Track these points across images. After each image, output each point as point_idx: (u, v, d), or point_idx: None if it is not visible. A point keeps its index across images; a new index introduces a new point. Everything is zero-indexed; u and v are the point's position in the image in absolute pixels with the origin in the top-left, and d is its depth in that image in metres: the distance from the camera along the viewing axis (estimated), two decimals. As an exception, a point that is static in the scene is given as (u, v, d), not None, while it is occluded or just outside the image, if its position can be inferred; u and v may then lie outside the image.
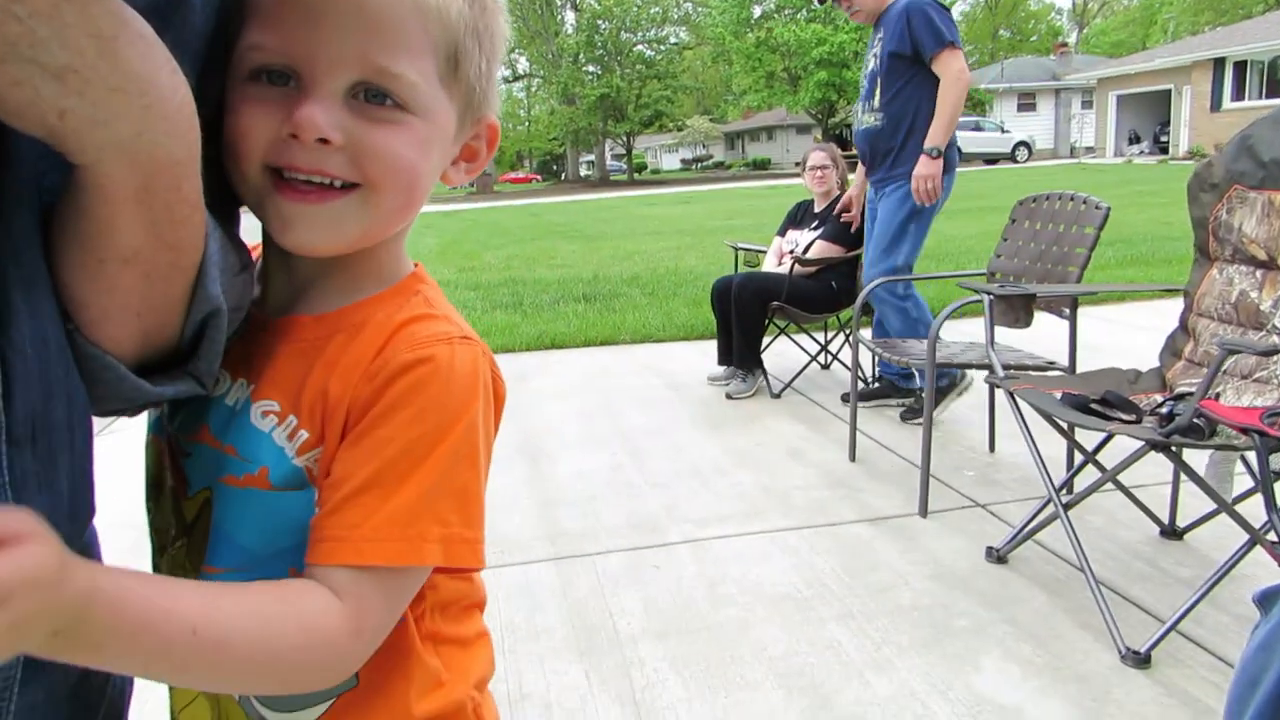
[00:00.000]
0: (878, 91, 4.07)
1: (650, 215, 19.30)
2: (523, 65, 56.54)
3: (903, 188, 3.99)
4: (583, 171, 59.95)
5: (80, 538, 0.61)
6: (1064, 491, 2.73)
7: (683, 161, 68.96)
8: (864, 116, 4.19)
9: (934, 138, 3.90)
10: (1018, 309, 2.90)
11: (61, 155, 0.50)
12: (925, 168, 3.91)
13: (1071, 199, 3.38)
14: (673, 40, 50.80)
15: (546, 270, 10.34)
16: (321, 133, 0.63)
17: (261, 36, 0.64)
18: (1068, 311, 3.15)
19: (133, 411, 0.67)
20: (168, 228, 0.56)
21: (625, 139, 51.13)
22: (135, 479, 0.81)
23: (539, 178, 69.63)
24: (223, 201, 0.71)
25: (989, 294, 2.92)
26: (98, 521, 0.68)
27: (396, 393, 0.65)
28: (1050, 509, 2.54)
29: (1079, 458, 2.70)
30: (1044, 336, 3.64)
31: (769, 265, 5.13)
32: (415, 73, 0.66)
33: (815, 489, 3.34)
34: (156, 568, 0.77)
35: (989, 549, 2.71)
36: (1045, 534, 2.72)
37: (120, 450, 1.98)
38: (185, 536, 0.73)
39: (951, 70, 3.88)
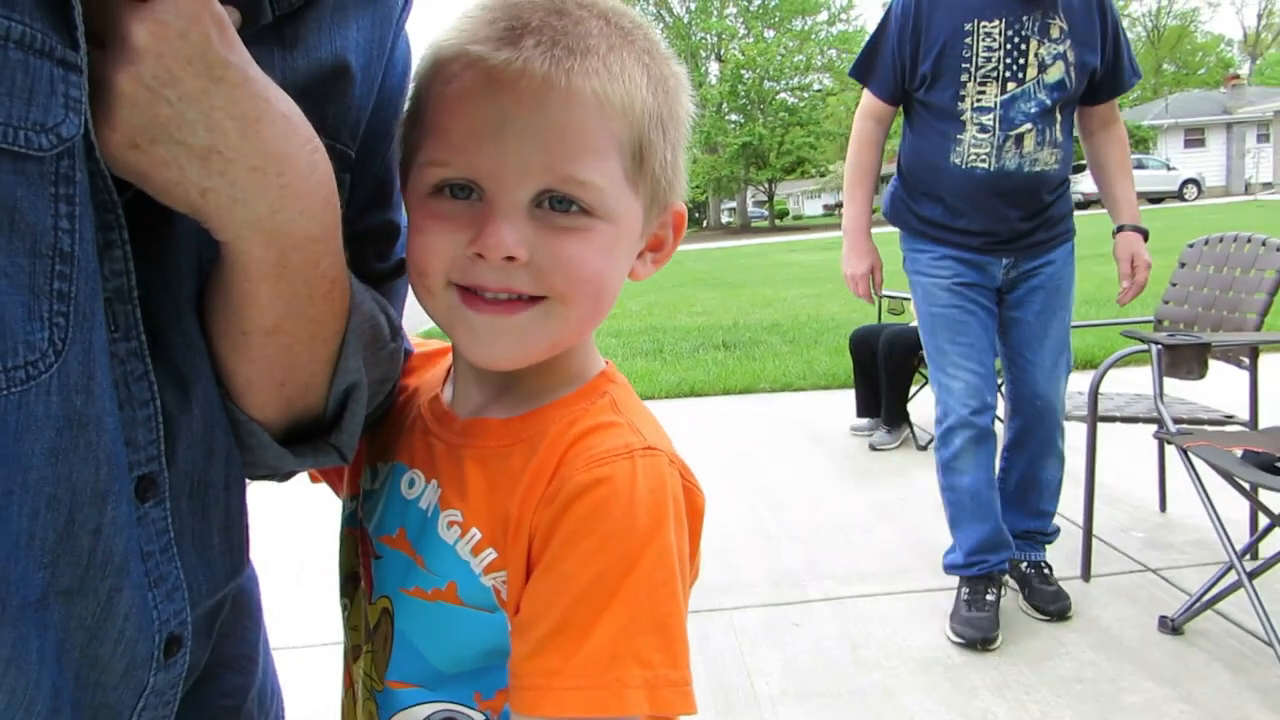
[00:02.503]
0: (1057, 116, 2.52)
1: (791, 262, 19.19)
2: (666, 117, 57.66)
3: (1071, 251, 2.71)
4: (724, 218, 60.32)
5: (227, 590, 0.63)
6: (1247, 557, 2.50)
7: (825, 207, 68.33)
8: (1023, 151, 2.50)
9: (1134, 210, 2.76)
10: (1190, 359, 2.69)
11: None
12: (1141, 248, 2.74)
13: (1248, 240, 3.13)
14: (816, 87, 50.75)
15: (687, 317, 10.42)
16: (509, 251, 0.60)
17: (444, 153, 0.62)
18: (1247, 361, 2.91)
19: (280, 478, 0.69)
20: (307, 302, 0.57)
21: (767, 185, 51.22)
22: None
23: (681, 226, 70.21)
24: (384, 274, 0.74)
25: (1157, 343, 2.73)
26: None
27: (575, 520, 0.60)
28: (1232, 576, 2.32)
29: (1264, 520, 2.47)
30: (1220, 388, 3.36)
31: (915, 311, 4.99)
32: (601, 176, 0.62)
33: (966, 547, 3.18)
34: (349, 670, 0.77)
35: (1162, 618, 2.50)
36: (1227, 604, 2.48)
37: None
38: (369, 642, 0.72)
39: (1121, 119, 2.81)
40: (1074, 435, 2.71)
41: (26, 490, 0.44)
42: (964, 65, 2.49)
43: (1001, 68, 2.47)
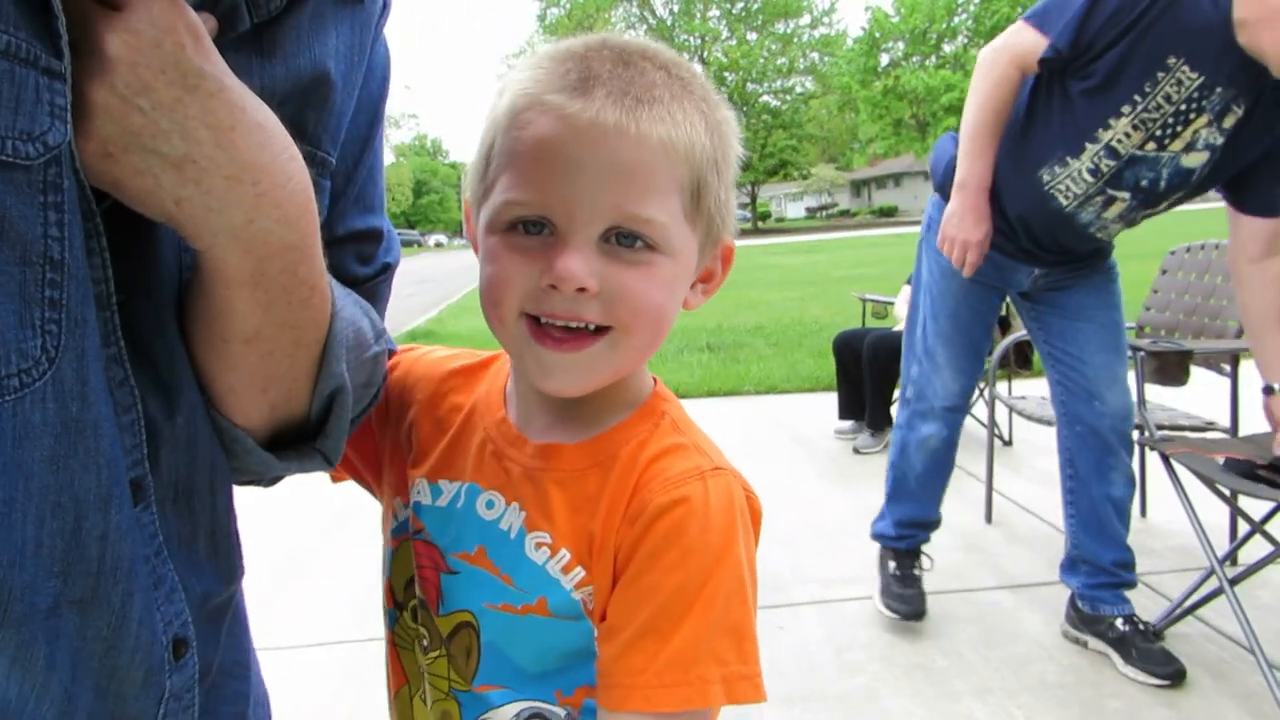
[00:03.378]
0: (1154, 201, 2.27)
1: (774, 264, 19.24)
2: (649, 118, 57.76)
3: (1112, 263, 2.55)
4: (707, 221, 60.47)
5: (221, 595, 0.63)
6: (1228, 564, 2.52)
7: (807, 209, 68.65)
8: (1104, 215, 2.30)
9: None
10: (1172, 365, 2.71)
11: None
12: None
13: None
14: (798, 90, 50.99)
15: (670, 320, 10.43)
16: (581, 283, 0.65)
17: (521, 193, 0.66)
18: (1228, 368, 2.94)
19: (266, 483, 0.68)
20: (286, 309, 0.57)
21: (750, 188, 51.35)
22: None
23: (664, 227, 70.41)
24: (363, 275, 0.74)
25: (1140, 349, 2.76)
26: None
27: (658, 537, 0.67)
28: (1213, 582, 2.34)
29: (1244, 527, 2.49)
30: (1201, 395, 3.40)
31: (899, 316, 5.01)
32: (664, 214, 0.67)
33: (950, 552, 3.19)
34: (398, 660, 0.84)
35: (1144, 624, 2.52)
36: (1208, 610, 2.50)
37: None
38: (443, 649, 0.76)
39: None
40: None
41: (30, 498, 0.44)
42: (1135, 97, 2.10)
43: (1160, 124, 2.11)
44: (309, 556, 3.33)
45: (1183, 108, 2.09)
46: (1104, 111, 2.15)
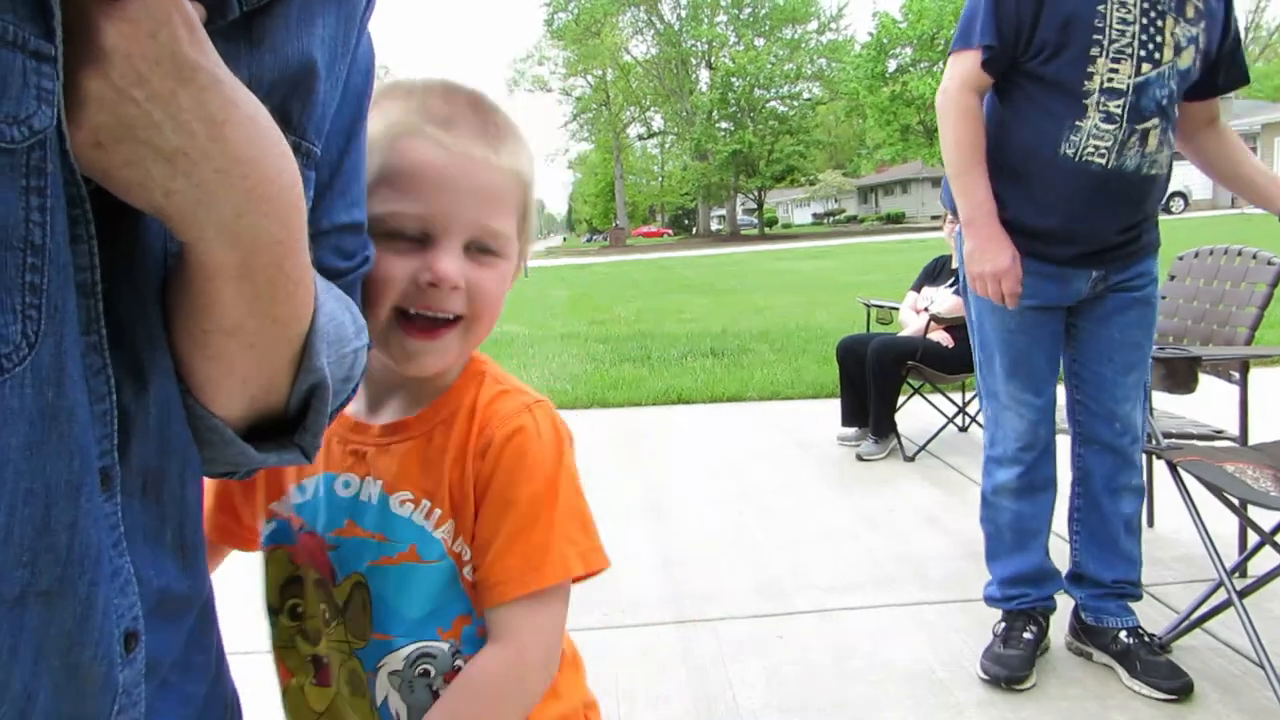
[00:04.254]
0: (1175, 111, 2.26)
1: (781, 270, 19.21)
2: (657, 123, 57.83)
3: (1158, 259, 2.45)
4: (714, 225, 60.48)
5: (189, 589, 0.61)
6: (1237, 575, 2.47)
7: (814, 215, 68.65)
8: (1145, 149, 2.20)
9: None
10: (1180, 372, 2.67)
11: None
12: None
13: (1239, 253, 3.12)
14: (806, 96, 50.94)
15: (675, 324, 10.40)
16: (456, 282, 0.82)
17: (405, 205, 0.81)
18: (1238, 375, 2.89)
19: (241, 475, 0.67)
20: (269, 303, 0.57)
21: (757, 193, 51.33)
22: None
23: (670, 232, 70.54)
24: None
25: (1147, 356, 2.71)
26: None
27: (508, 461, 0.86)
28: (1221, 594, 2.29)
29: (1254, 538, 2.44)
30: (1210, 402, 3.35)
31: (904, 322, 4.98)
32: (509, 228, 0.87)
33: (953, 559, 3.15)
34: (283, 660, 0.97)
35: (1150, 636, 2.47)
36: (1216, 623, 2.46)
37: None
38: (340, 617, 0.90)
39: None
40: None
41: (4, 485, 0.43)
42: (1095, 37, 2.10)
43: (1136, 45, 2.10)
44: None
45: (1144, 21, 2.11)
46: (1078, 65, 2.12)
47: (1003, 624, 2.42)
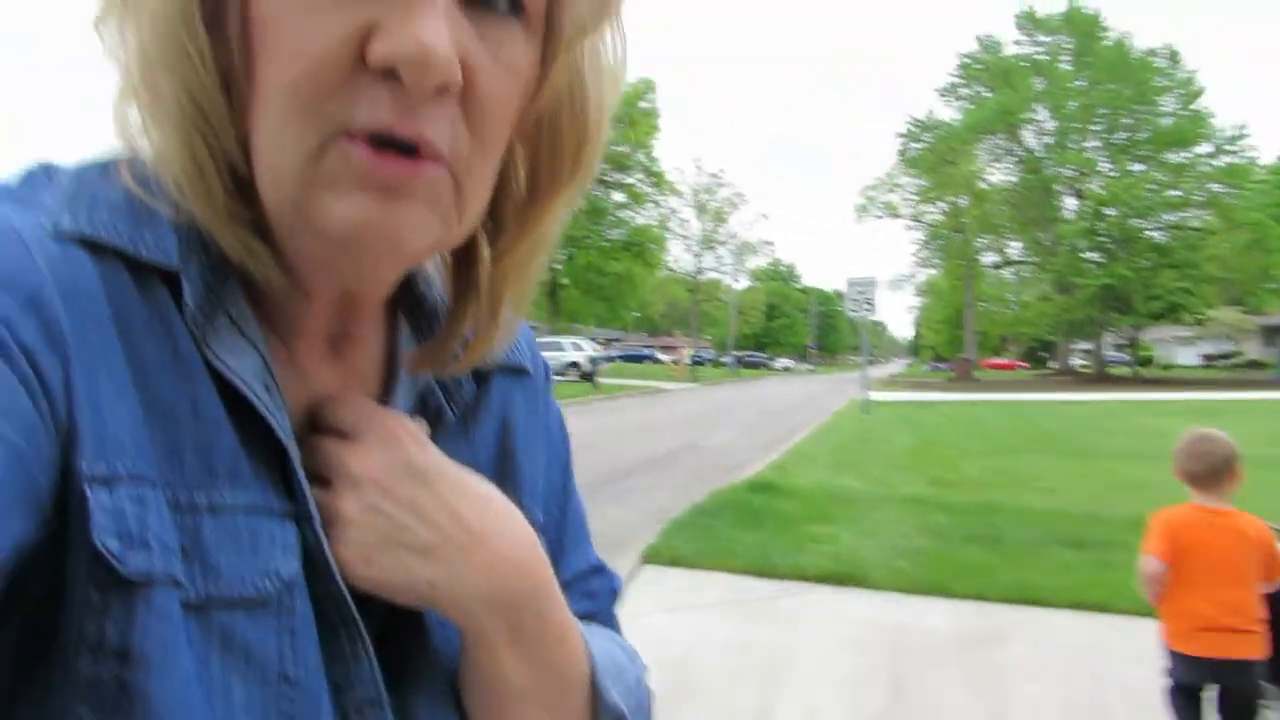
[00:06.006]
0: None
1: (1160, 429, 16.29)
2: (1014, 249, 55.01)
3: None
4: (1075, 361, 55.60)
5: None
6: None
7: (1203, 357, 60.68)
8: None
9: None
10: None
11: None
12: None
13: None
14: (1194, 225, 45.85)
15: (1032, 495, 9.48)
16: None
17: None
18: None
19: None
20: (546, 655, 0.60)
21: (1130, 330, 46.63)
22: None
23: (1024, 365, 65.99)
24: None
25: None
26: None
27: None
28: None
29: None
30: None
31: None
32: None
33: None
34: None
35: None
36: None
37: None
38: None
39: None
40: None
41: None
42: None
43: None
44: None
45: None
46: None
47: None
